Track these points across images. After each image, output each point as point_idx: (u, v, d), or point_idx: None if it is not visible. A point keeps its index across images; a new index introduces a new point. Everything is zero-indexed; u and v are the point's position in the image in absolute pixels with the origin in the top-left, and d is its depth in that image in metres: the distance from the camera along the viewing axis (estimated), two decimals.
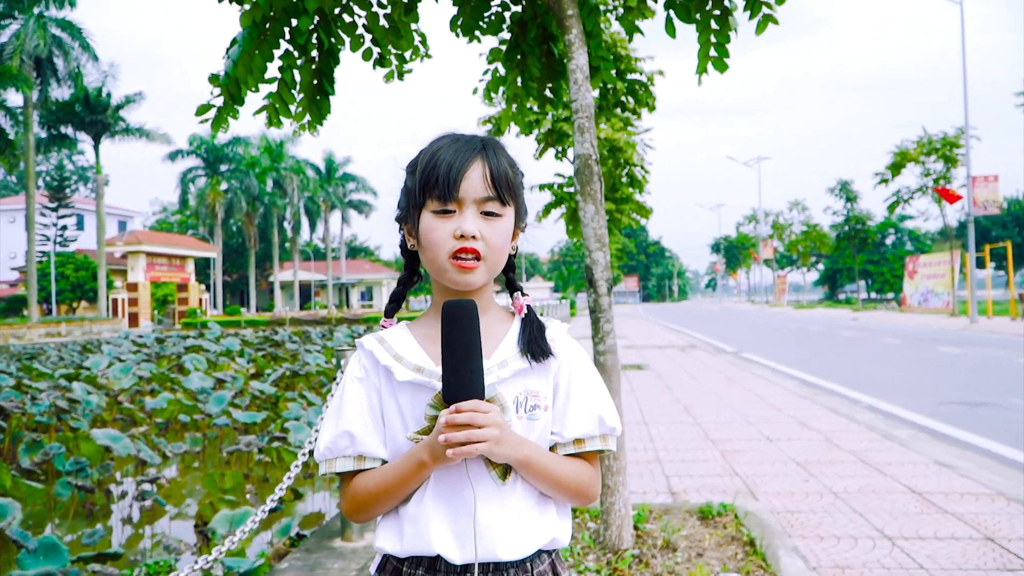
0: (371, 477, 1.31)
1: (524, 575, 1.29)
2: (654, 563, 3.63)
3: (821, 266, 78.70)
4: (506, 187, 1.31)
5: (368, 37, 4.16)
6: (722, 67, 4.27)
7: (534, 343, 1.32)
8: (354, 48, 4.15)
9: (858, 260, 63.10)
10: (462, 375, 1.19)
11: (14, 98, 37.50)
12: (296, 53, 4.07)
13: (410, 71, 4.46)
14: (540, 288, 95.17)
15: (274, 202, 59.93)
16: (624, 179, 13.52)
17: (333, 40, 4.10)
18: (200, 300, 53.45)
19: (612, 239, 28.22)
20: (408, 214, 1.35)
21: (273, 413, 10.48)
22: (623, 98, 11.56)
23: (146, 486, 7.09)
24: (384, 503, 1.30)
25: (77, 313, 47.53)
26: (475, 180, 1.28)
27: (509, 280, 1.44)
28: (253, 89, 3.94)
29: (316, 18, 3.98)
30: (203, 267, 63.06)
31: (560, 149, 11.90)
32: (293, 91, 4.14)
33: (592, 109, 3.81)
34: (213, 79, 3.90)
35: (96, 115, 42.53)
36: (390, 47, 4.24)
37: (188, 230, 68.61)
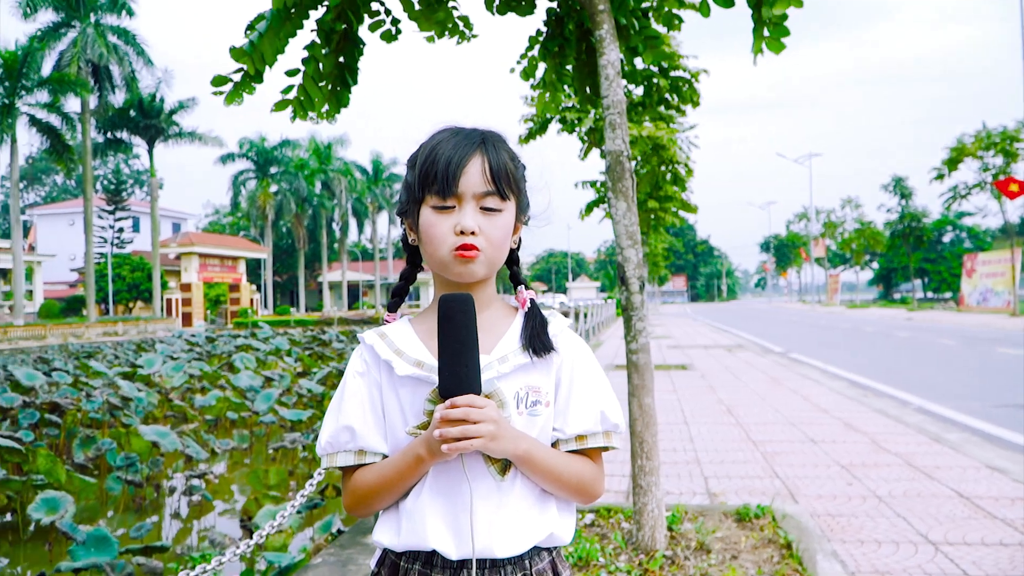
0: (371, 472, 1.31)
1: (522, 573, 1.28)
2: (686, 565, 3.58)
3: (875, 265, 77.03)
4: (506, 181, 1.29)
5: (388, 19, 4.13)
6: (778, 47, 4.00)
7: (536, 338, 1.31)
8: (372, 29, 4.12)
9: (914, 258, 61.67)
10: (457, 370, 1.19)
11: (72, 104, 38.66)
12: (320, 41, 4.06)
13: (451, 26, 4.35)
14: (586, 288, 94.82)
15: (323, 203, 60.74)
16: (668, 177, 13.39)
17: (355, 26, 4.07)
18: (251, 300, 54.39)
19: (658, 238, 28.02)
20: (408, 209, 1.35)
21: (319, 411, 10.61)
22: (667, 95, 11.46)
23: (194, 481, 7.23)
24: (384, 498, 1.30)
25: (133, 313, 48.77)
26: (474, 175, 1.27)
27: (513, 274, 1.43)
28: (271, 63, 3.91)
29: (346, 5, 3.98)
30: (254, 268, 64.19)
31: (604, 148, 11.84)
32: (319, 84, 4.13)
33: (624, 105, 3.78)
34: (234, 52, 3.85)
35: (150, 120, 43.60)
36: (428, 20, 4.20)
37: (239, 231, 69.96)
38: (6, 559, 5.71)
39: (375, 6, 4.10)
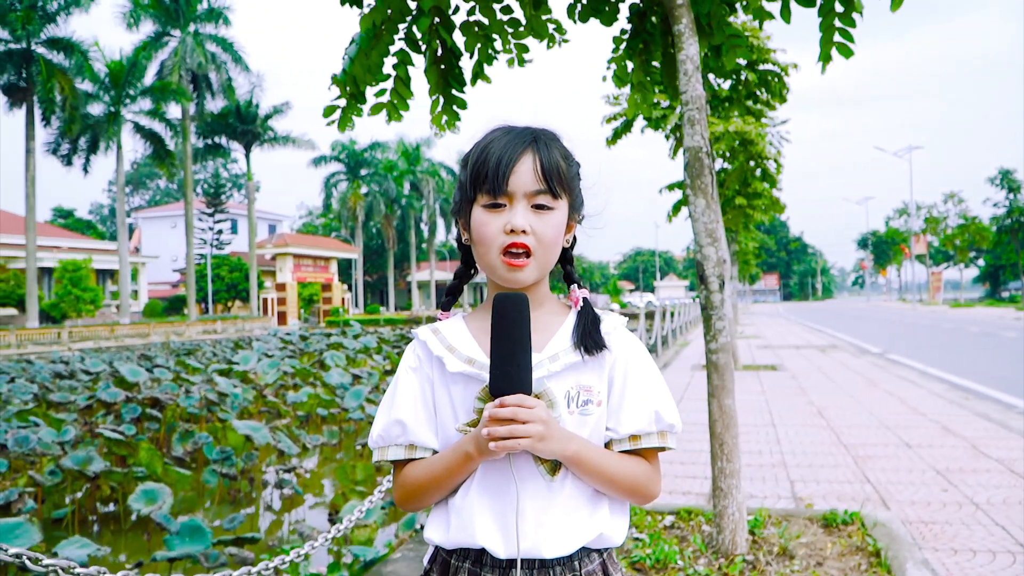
0: (420, 467, 1.32)
1: (571, 573, 1.27)
2: (768, 570, 3.49)
3: (981, 262, 73.57)
4: (557, 180, 1.28)
5: (483, 35, 4.17)
6: (847, 52, 4.00)
7: (587, 336, 1.29)
8: (468, 48, 4.18)
9: (1023, 255, 58.65)
10: (508, 369, 1.18)
11: (173, 111, 40.37)
12: (412, 52, 4.14)
13: (531, 61, 4.41)
14: (674, 287, 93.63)
15: (411, 204, 61.71)
16: (757, 173, 13.08)
17: (451, 38, 4.13)
18: (343, 299, 55.65)
19: (748, 235, 27.38)
20: (461, 208, 1.35)
21: None
22: (755, 90, 11.18)
23: (285, 475, 7.46)
24: (432, 493, 1.31)
25: (231, 312, 50.55)
26: (525, 173, 1.27)
27: (567, 272, 1.41)
28: (371, 84, 4.05)
29: (436, 19, 4.05)
30: (345, 268, 65.65)
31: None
32: (410, 86, 4.21)
33: (703, 100, 3.71)
34: (335, 79, 4.04)
35: (247, 125, 45.12)
36: (510, 39, 4.24)
37: (331, 232, 71.64)
38: (108, 548, 5.99)
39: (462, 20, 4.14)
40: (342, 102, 4.11)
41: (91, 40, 34.57)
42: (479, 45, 4.20)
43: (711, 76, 11.01)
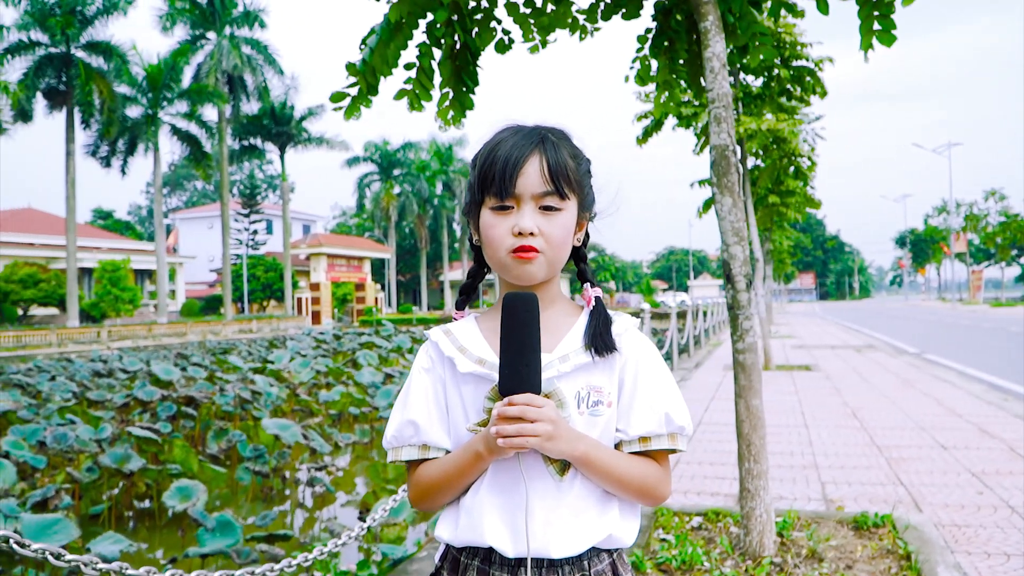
0: (433, 466, 1.32)
1: (580, 573, 1.27)
2: (796, 573, 3.45)
3: (1023, 260, 72.07)
4: (565, 180, 1.28)
5: (499, 28, 4.17)
6: (889, 40, 3.88)
7: (598, 337, 1.29)
8: (485, 42, 4.17)
9: None
10: (518, 368, 1.19)
11: (209, 113, 40.88)
12: (431, 44, 4.14)
13: (554, 40, 4.38)
14: (708, 286, 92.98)
15: (443, 204, 61.96)
16: (790, 171, 12.93)
17: (469, 34, 4.13)
18: (376, 299, 56.02)
19: (782, 234, 27.08)
20: (470, 209, 1.35)
21: None
22: (788, 86, 11.05)
23: (317, 473, 7.51)
24: (445, 493, 1.31)
25: (266, 311, 51.10)
26: (532, 175, 1.26)
27: (580, 271, 1.41)
28: (386, 75, 4.05)
29: (454, 15, 4.05)
30: (378, 267, 66.06)
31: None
32: (432, 78, 4.21)
33: (729, 98, 3.68)
34: (350, 67, 4.03)
35: (281, 127, 45.59)
36: (532, 26, 4.22)
37: (364, 232, 72.12)
38: (144, 544, 6.08)
39: (480, 15, 4.14)
40: (354, 90, 4.10)
41: (129, 44, 35.14)
42: (496, 40, 4.18)
43: (741, 74, 10.89)
